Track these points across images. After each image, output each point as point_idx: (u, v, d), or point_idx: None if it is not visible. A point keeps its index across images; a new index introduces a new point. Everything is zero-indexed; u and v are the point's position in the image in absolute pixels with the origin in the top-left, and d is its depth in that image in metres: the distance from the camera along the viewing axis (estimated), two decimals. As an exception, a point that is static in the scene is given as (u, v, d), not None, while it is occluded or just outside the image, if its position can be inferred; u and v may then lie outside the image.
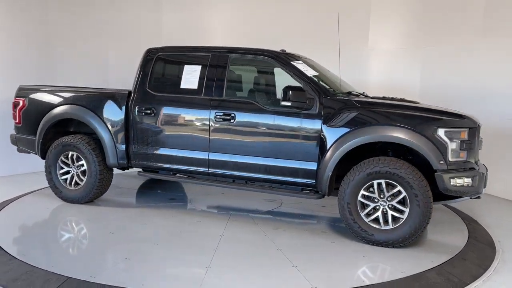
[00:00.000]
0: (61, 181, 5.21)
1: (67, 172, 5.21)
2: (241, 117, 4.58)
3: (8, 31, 6.95)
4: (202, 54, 4.90)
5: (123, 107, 5.00)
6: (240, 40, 8.07)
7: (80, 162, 5.13)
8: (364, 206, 4.17)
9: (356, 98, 4.54)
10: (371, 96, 4.95)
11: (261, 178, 4.60)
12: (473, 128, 4.16)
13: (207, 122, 4.67)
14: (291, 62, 4.62)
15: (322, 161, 4.27)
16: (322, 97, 4.35)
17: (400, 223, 4.04)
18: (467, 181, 3.99)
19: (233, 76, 5.00)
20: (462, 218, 5.17)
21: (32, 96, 5.40)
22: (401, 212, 4.05)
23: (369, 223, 4.13)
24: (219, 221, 4.79)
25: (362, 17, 8.34)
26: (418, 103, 4.64)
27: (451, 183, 3.95)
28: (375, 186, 4.09)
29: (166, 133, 4.89)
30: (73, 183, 5.19)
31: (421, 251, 4.07)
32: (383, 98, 4.78)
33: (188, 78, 4.79)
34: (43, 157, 5.32)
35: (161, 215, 4.95)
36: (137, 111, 4.92)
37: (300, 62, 4.73)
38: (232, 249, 3.99)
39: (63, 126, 5.40)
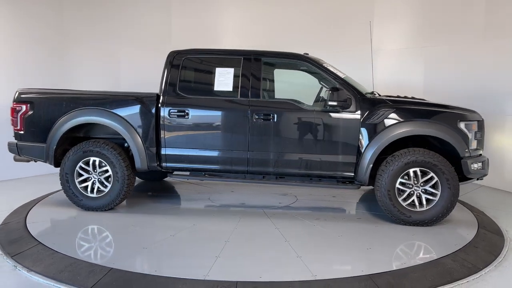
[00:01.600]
0: (80, 188, 5.03)
1: (86, 179, 5.05)
2: (281, 116, 4.85)
3: (21, 35, 7.13)
4: (233, 57, 5.06)
5: (153, 110, 4.97)
6: (246, 42, 8.33)
7: (104, 168, 5.00)
8: (400, 192, 4.69)
9: (389, 98, 4.98)
10: (383, 95, 5.26)
11: (302, 173, 4.92)
12: (481, 121, 4.90)
13: (247, 123, 4.85)
14: (324, 65, 4.95)
15: (362, 154, 4.72)
16: (357, 96, 4.75)
17: (433, 204, 4.67)
18: (480, 165, 4.75)
19: (268, 78, 5.22)
20: (470, 210, 5.45)
21: (39, 100, 5.11)
22: (433, 195, 4.65)
23: (406, 206, 4.68)
24: (259, 216, 5.03)
25: (365, 18, 8.59)
26: (426, 100, 5.08)
27: (472, 168, 4.66)
28: (411, 174, 4.62)
29: (202, 134, 4.96)
30: (95, 190, 5.03)
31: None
32: (397, 97, 5.18)
33: (222, 80, 4.94)
34: (56, 165, 5.13)
35: (198, 215, 5.06)
36: (170, 113, 4.94)
37: (329, 65, 5.06)
38: (302, 240, 4.29)
39: (72, 132, 5.16)
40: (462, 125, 4.70)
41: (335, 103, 4.69)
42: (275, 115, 4.83)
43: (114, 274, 3.42)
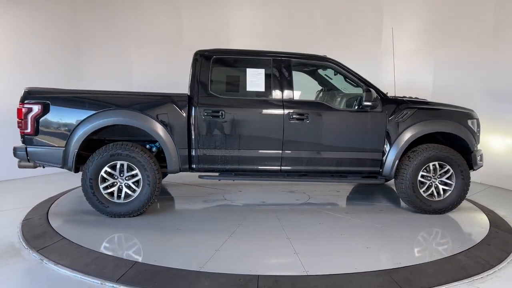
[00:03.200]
0: (105, 195, 4.75)
1: (111, 185, 4.79)
2: (314, 116, 5.01)
3: (33, 35, 7.27)
4: (262, 58, 5.13)
5: (185, 111, 4.86)
6: (257, 42, 8.43)
7: (134, 172, 4.77)
8: (420, 184, 5.12)
9: (408, 99, 5.35)
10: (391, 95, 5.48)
11: (332, 170, 5.16)
12: (478, 119, 5.45)
13: (281, 122, 4.94)
14: (349, 68, 5.18)
15: (389, 151, 5.08)
16: (382, 97, 5.04)
17: (448, 194, 5.16)
18: (480, 158, 5.32)
19: (298, 79, 5.34)
20: (481, 209, 5.55)
21: (57, 101, 4.73)
22: (448, 185, 5.16)
23: (426, 197, 5.12)
24: (292, 213, 5.18)
25: (375, 19, 8.69)
26: (427, 100, 5.51)
27: (477, 160, 5.24)
28: (431, 167, 5.10)
29: (236, 134, 4.91)
30: (122, 195, 4.78)
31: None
32: (403, 97, 5.44)
33: (254, 81, 4.98)
34: (76, 171, 4.82)
35: (233, 216, 5.03)
36: (204, 114, 4.87)
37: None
38: (356, 233, 4.54)
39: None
40: (470, 123, 5.27)
41: (370, 103, 4.92)
42: (308, 115, 4.97)
43: (139, 267, 3.53)
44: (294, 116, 4.95)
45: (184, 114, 4.87)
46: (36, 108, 4.65)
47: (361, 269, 3.56)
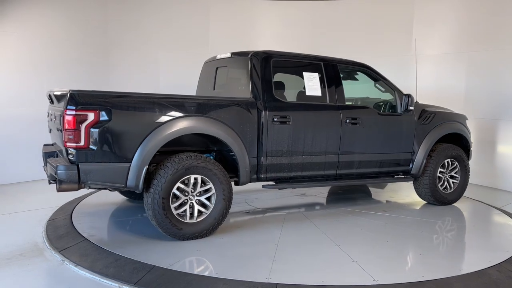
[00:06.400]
0: (176, 215, 4.12)
1: (182, 203, 4.17)
2: (365, 120, 5.16)
3: (66, 39, 7.44)
4: (314, 62, 5.04)
5: (255, 116, 4.52)
6: (282, 46, 8.38)
7: (207, 186, 4.25)
8: (437, 179, 5.74)
9: (424, 103, 5.82)
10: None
11: (375, 172, 5.43)
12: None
13: (339, 127, 4.97)
14: (383, 75, 5.39)
15: (418, 150, 5.55)
16: None
17: (456, 186, 5.86)
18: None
19: (345, 83, 5.37)
20: (513, 219, 5.29)
21: (120, 106, 3.87)
22: (455, 178, 5.87)
23: (442, 191, 5.78)
24: (346, 217, 5.28)
25: (405, 23, 8.47)
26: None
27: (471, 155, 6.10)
28: (446, 164, 5.75)
29: (302, 140, 4.77)
30: (195, 214, 4.22)
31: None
32: None
33: (311, 85, 4.89)
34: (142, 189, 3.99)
35: (305, 224, 4.91)
36: (273, 120, 4.58)
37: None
38: (432, 231, 4.79)
39: None
40: (467, 123, 6.06)
41: (412, 108, 5.35)
42: (360, 119, 5.08)
43: (157, 271, 3.51)
44: (349, 120, 5.01)
45: (255, 120, 4.53)
46: (92, 116, 3.74)
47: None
